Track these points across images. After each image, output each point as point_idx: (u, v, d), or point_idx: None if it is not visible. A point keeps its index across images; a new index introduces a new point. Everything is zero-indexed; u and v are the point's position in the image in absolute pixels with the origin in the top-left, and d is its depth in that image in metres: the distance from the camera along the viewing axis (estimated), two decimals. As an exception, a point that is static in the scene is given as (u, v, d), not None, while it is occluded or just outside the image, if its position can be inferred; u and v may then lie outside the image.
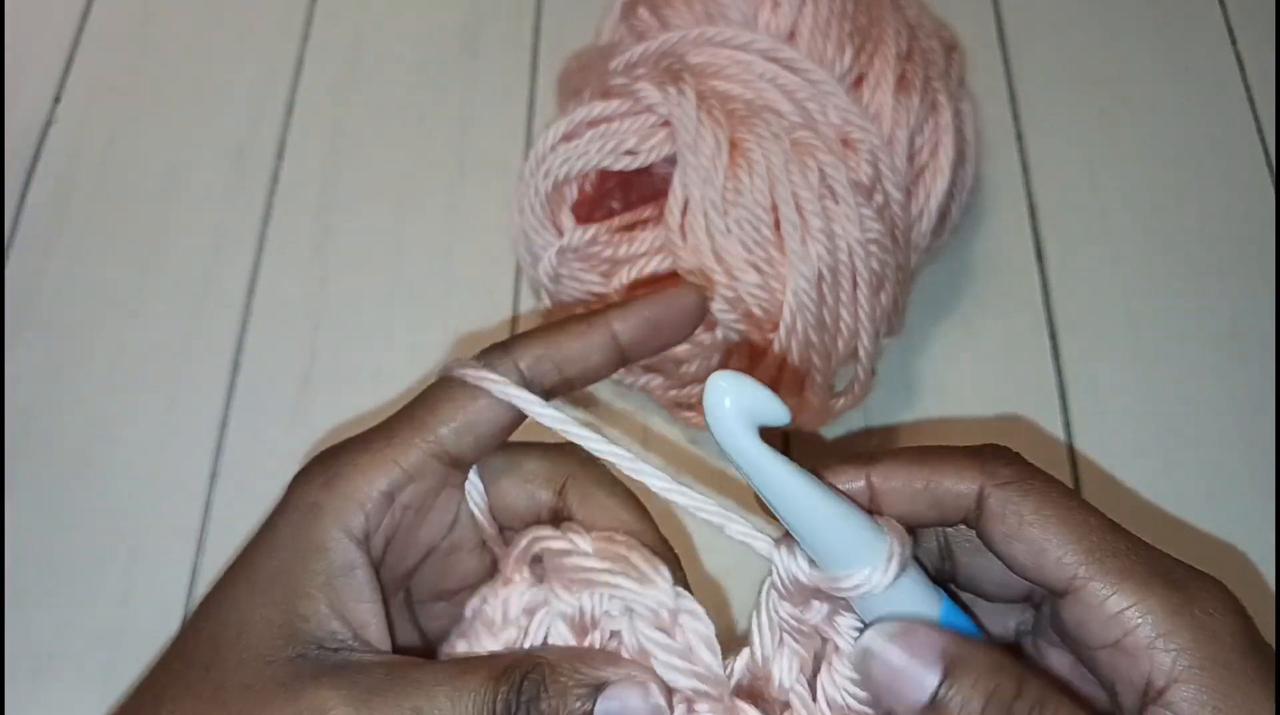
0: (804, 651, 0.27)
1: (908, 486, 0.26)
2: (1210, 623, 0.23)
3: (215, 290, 0.58)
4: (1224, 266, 0.58)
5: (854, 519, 0.25)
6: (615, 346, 0.29)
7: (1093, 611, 0.24)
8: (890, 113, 0.48)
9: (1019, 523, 0.25)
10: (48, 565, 0.51)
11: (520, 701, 0.24)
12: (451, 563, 0.30)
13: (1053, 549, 0.25)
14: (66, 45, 0.66)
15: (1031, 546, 0.25)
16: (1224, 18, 0.66)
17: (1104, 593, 0.24)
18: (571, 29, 0.64)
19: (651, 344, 0.29)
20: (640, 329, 0.29)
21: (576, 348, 0.28)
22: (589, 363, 0.28)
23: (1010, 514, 0.25)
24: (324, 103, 0.63)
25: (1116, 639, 0.24)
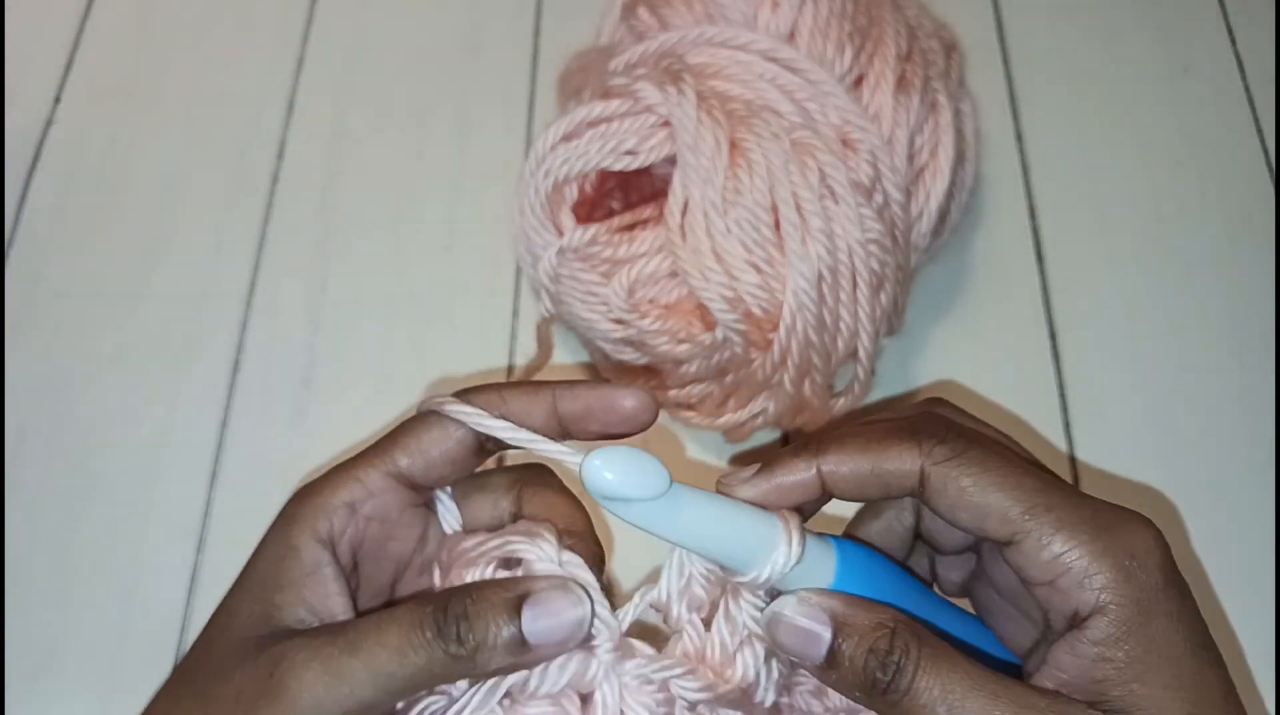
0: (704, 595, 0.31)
1: (855, 473, 0.30)
2: (1130, 565, 0.27)
3: (215, 291, 0.58)
4: (1223, 266, 0.58)
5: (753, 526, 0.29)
6: (554, 416, 0.32)
7: (1031, 559, 0.28)
8: (890, 113, 0.48)
9: (960, 493, 0.28)
10: (48, 565, 0.51)
11: (449, 617, 0.28)
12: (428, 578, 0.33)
13: (993, 512, 0.28)
14: (67, 45, 0.66)
15: (974, 513, 0.28)
16: (1223, 17, 0.66)
17: (1041, 542, 0.28)
18: (571, 29, 0.64)
19: (584, 427, 0.32)
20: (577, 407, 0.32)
21: (520, 405, 0.31)
22: (529, 421, 0.31)
23: (951, 488, 0.29)
24: (324, 103, 0.64)
25: (1051, 580, 0.28)
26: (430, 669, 0.27)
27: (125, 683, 0.49)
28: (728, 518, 0.29)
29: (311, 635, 0.28)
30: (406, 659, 0.27)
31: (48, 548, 0.51)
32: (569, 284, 0.48)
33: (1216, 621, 0.49)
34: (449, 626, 0.27)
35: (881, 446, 0.29)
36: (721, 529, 0.28)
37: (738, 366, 0.47)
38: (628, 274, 0.47)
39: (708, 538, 0.28)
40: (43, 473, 0.53)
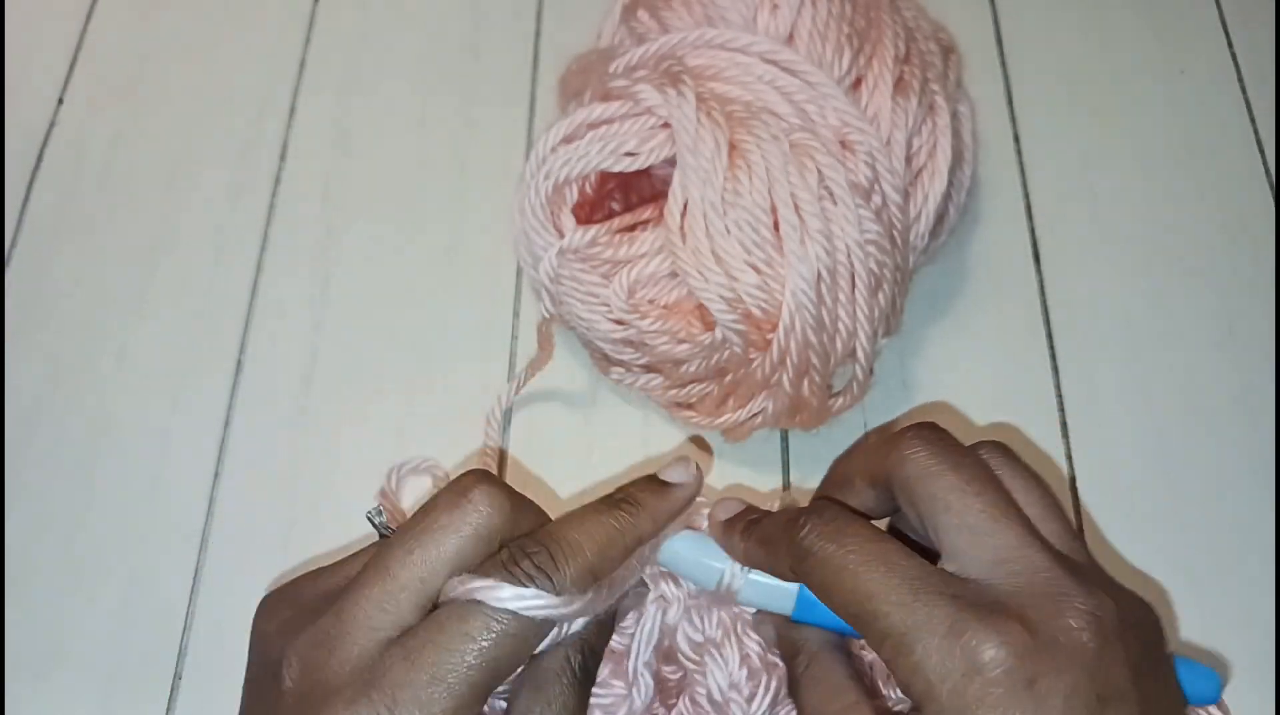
0: None
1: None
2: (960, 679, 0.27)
3: (218, 291, 0.58)
4: (1220, 268, 0.58)
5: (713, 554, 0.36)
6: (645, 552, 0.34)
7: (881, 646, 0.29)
8: (888, 115, 0.49)
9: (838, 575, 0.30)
10: (50, 565, 0.51)
11: None
12: None
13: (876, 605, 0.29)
14: (70, 47, 0.66)
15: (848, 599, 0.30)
16: (1220, 20, 0.66)
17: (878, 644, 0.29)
18: (572, 32, 0.64)
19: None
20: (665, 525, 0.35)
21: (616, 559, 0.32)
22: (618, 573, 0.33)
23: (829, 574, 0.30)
24: (326, 104, 0.64)
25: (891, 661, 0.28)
26: None
27: (127, 683, 0.49)
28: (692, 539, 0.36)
29: None
30: None
31: (50, 547, 0.52)
32: (569, 284, 0.49)
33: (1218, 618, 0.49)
34: None
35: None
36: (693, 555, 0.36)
37: (737, 366, 0.47)
38: (628, 274, 0.47)
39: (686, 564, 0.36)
40: (45, 472, 0.53)
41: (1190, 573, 0.50)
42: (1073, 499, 0.52)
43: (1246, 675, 0.48)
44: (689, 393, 0.51)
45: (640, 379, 0.51)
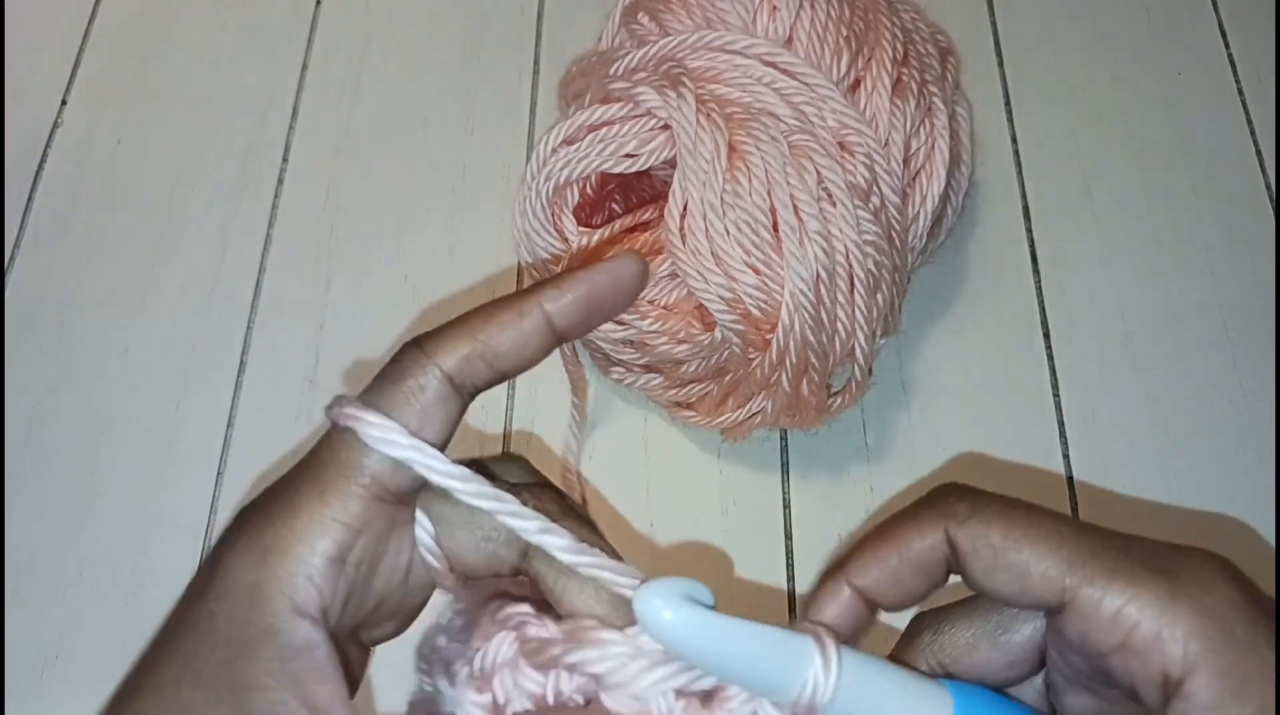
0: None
1: (884, 569, 0.25)
2: (1208, 600, 0.23)
3: (221, 291, 0.58)
4: (1217, 268, 0.58)
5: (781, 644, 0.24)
6: (550, 331, 0.25)
7: (1091, 619, 0.23)
8: (886, 116, 0.49)
9: (993, 553, 0.24)
10: (54, 563, 0.52)
11: None
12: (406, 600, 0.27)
13: (1034, 567, 0.24)
14: (73, 48, 0.66)
15: (1013, 572, 0.24)
16: (1217, 21, 0.66)
17: (1096, 596, 0.23)
18: (572, 35, 0.65)
19: (590, 323, 0.26)
20: (577, 310, 0.26)
21: (508, 341, 0.25)
22: (522, 355, 0.25)
23: (982, 547, 0.24)
24: (329, 106, 0.64)
25: (1122, 640, 0.23)
26: None
27: (132, 678, 0.49)
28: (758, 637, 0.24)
29: None
30: None
31: (54, 546, 0.52)
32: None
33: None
34: None
35: (900, 529, 0.25)
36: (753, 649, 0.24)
37: (736, 366, 0.47)
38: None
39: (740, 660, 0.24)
40: (50, 471, 0.54)
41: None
42: (1070, 498, 0.52)
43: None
44: (689, 392, 0.51)
45: (640, 379, 0.51)
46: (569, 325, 0.26)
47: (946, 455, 0.53)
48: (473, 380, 0.25)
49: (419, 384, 0.25)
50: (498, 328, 0.25)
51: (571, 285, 0.25)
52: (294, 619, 0.23)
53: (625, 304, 0.27)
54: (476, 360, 0.25)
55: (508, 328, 0.25)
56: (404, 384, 0.25)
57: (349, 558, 0.24)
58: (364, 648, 0.27)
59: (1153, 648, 0.22)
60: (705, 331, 0.47)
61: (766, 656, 0.23)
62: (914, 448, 0.54)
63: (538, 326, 0.25)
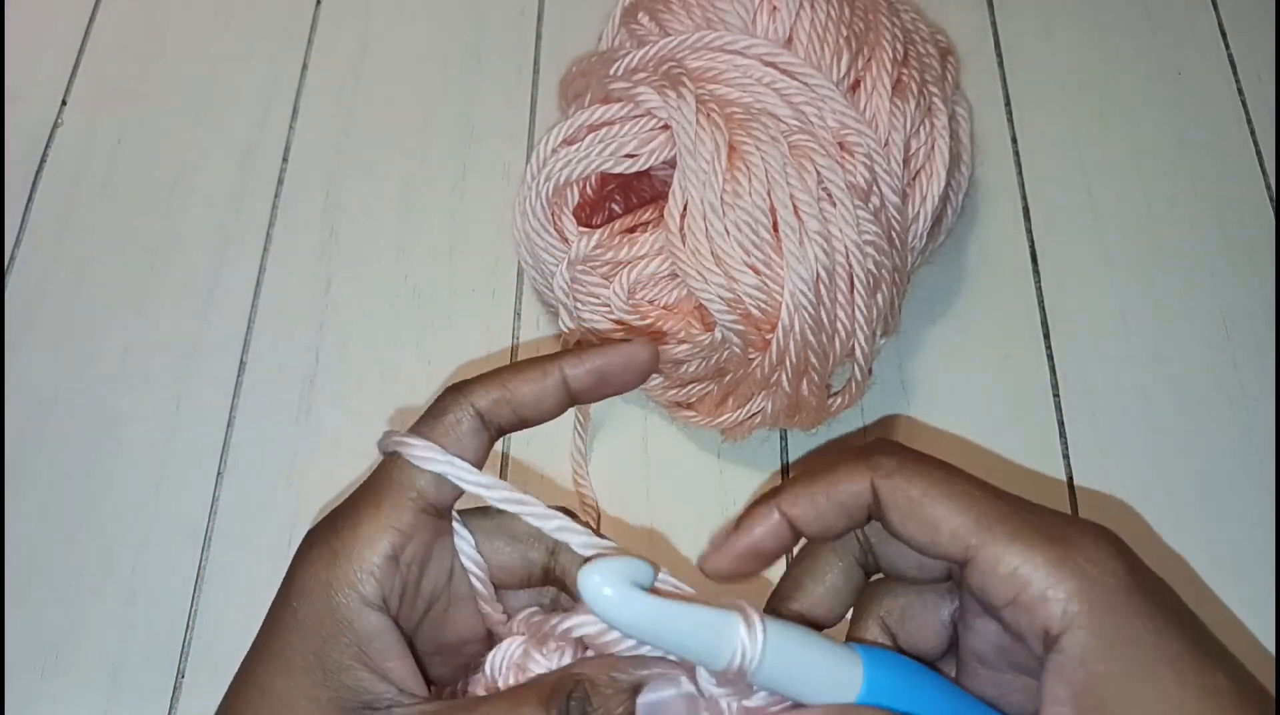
0: None
1: (813, 504, 0.29)
2: (1092, 569, 0.25)
3: (221, 292, 0.58)
4: (1217, 268, 0.58)
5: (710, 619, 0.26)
6: (565, 391, 0.31)
7: (989, 575, 0.26)
8: (886, 117, 0.49)
9: (910, 505, 0.27)
10: (54, 563, 0.52)
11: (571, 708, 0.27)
12: (450, 617, 0.31)
13: (944, 524, 0.27)
14: (73, 48, 0.66)
15: (925, 525, 0.27)
16: (1217, 21, 0.66)
17: (996, 555, 0.26)
18: (572, 35, 0.65)
19: (599, 392, 0.31)
20: (590, 378, 0.31)
21: (530, 392, 0.30)
22: (541, 407, 0.31)
23: (901, 499, 0.27)
24: (329, 106, 0.64)
25: (1014, 596, 0.26)
26: None
27: (130, 682, 0.49)
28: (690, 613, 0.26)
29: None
30: None
31: (53, 546, 0.52)
32: (570, 285, 0.49)
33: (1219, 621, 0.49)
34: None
35: (832, 473, 0.29)
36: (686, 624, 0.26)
37: (736, 366, 0.48)
38: (628, 275, 0.47)
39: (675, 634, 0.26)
40: (49, 471, 0.54)
41: (1189, 572, 0.51)
42: (1070, 497, 0.52)
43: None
44: (689, 393, 0.51)
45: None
46: (581, 389, 0.31)
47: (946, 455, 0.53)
48: (499, 421, 0.30)
49: (456, 418, 0.30)
50: (523, 381, 0.30)
51: (589, 357, 0.31)
52: (363, 609, 0.28)
53: (635, 382, 0.32)
54: (504, 404, 0.30)
55: (532, 382, 0.30)
56: (444, 418, 0.30)
57: (402, 557, 0.28)
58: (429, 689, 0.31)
59: (1038, 605, 0.25)
60: (705, 331, 0.47)
61: (698, 631, 0.26)
62: (914, 448, 0.53)
63: (556, 385, 0.30)
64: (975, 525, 0.26)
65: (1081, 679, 0.25)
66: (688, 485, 0.53)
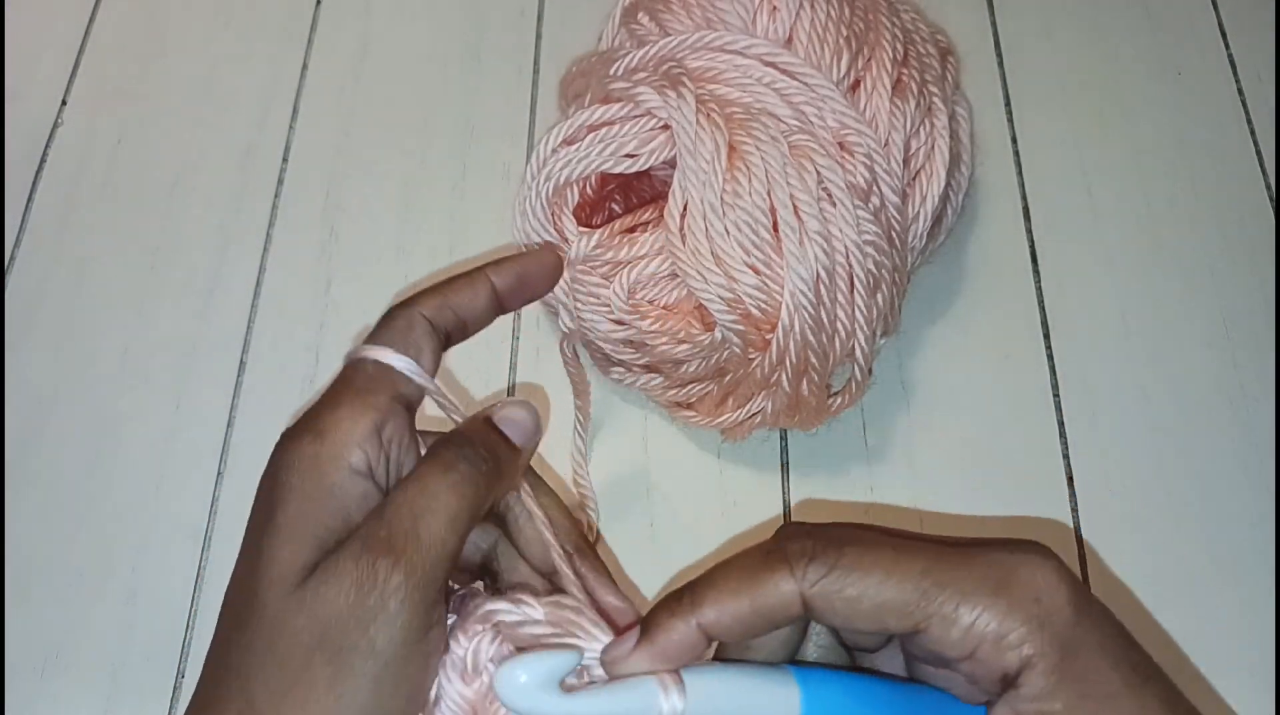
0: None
1: (736, 618, 0.28)
2: (1039, 610, 0.27)
3: (221, 292, 0.58)
4: (1217, 268, 0.58)
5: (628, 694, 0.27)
6: (494, 295, 0.34)
7: (942, 641, 0.27)
8: (886, 117, 0.49)
9: (849, 605, 0.27)
10: (54, 563, 0.52)
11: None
12: None
13: (889, 610, 0.27)
14: (73, 48, 0.66)
15: (869, 619, 0.27)
16: (1217, 21, 0.66)
17: (946, 623, 0.27)
18: (572, 35, 0.65)
19: (521, 295, 0.35)
20: (511, 281, 0.35)
21: (465, 297, 0.34)
22: (476, 308, 0.34)
23: (839, 604, 0.27)
24: (329, 106, 0.64)
25: (971, 651, 0.27)
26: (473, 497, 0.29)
27: (130, 682, 0.49)
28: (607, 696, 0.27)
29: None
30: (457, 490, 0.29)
31: (54, 546, 0.52)
32: (570, 286, 0.49)
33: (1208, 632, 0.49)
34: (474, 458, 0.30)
35: (754, 583, 0.28)
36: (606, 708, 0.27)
37: (736, 366, 0.48)
38: (628, 275, 0.47)
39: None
40: (49, 471, 0.54)
41: (1188, 571, 0.51)
42: (1070, 497, 0.52)
43: (1247, 675, 0.48)
44: (689, 392, 0.51)
45: (640, 379, 0.51)
46: (506, 291, 0.35)
47: (946, 455, 0.53)
48: (444, 324, 0.33)
49: (407, 323, 0.32)
50: (458, 288, 0.34)
51: (509, 263, 0.35)
52: (352, 476, 0.29)
53: (547, 286, 0.36)
54: (445, 309, 0.33)
55: (465, 288, 0.34)
56: (395, 324, 0.32)
57: (383, 433, 0.30)
58: None
59: (994, 657, 0.27)
60: (705, 331, 0.47)
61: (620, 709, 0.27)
62: (914, 448, 0.54)
63: (486, 290, 0.34)
64: (921, 598, 0.27)
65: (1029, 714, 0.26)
66: (688, 485, 0.53)
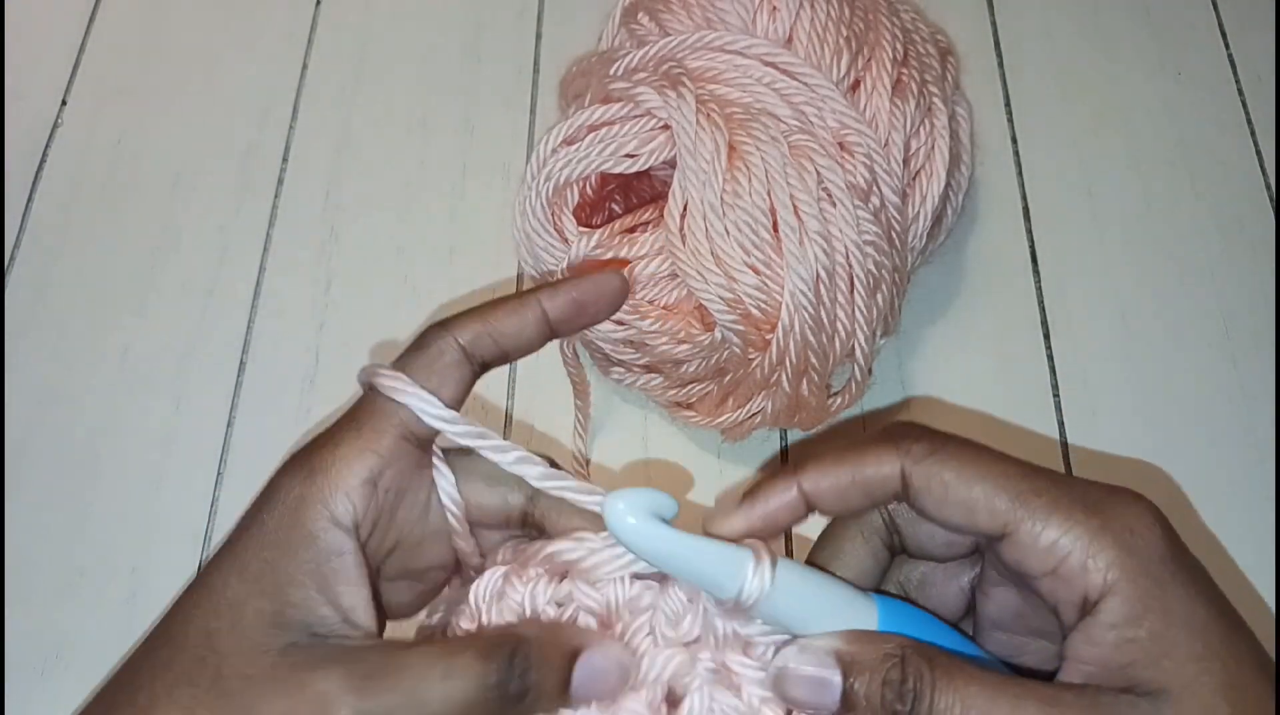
0: None
1: (836, 485, 0.29)
2: (1131, 539, 0.26)
3: (221, 292, 0.58)
4: (1217, 268, 0.58)
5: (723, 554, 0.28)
6: (545, 323, 0.31)
7: (1027, 549, 0.26)
8: (886, 117, 0.49)
9: (944, 489, 0.27)
10: (54, 565, 0.52)
11: (514, 675, 0.26)
12: (421, 549, 0.31)
13: (981, 505, 0.27)
14: (73, 48, 0.66)
15: (961, 507, 0.27)
16: (1217, 22, 0.66)
17: (1035, 530, 0.26)
18: (572, 35, 0.65)
19: (577, 322, 0.32)
20: (567, 308, 0.31)
21: (511, 325, 0.31)
22: (521, 337, 0.31)
23: (935, 484, 0.27)
24: (329, 107, 0.64)
25: (1054, 567, 0.26)
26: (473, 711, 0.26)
27: (132, 678, 0.49)
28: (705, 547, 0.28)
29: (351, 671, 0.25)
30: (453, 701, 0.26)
31: (53, 547, 0.52)
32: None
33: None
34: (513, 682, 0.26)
35: (859, 455, 0.28)
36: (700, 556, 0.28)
37: (736, 366, 0.47)
38: (628, 275, 0.47)
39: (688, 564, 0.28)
40: (48, 471, 0.54)
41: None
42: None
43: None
44: (689, 393, 0.51)
45: (640, 379, 0.51)
46: (560, 319, 0.31)
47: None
48: (481, 353, 0.30)
49: (439, 351, 0.30)
50: (504, 314, 0.31)
51: (565, 288, 0.31)
52: (331, 528, 0.27)
53: (609, 311, 0.32)
54: (485, 337, 0.30)
55: (512, 315, 0.31)
56: (426, 351, 0.30)
57: (380, 482, 0.28)
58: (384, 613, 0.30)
59: (1078, 575, 0.26)
60: (705, 331, 0.47)
61: (710, 563, 0.27)
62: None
63: (536, 317, 0.31)
64: (1012, 502, 0.27)
65: (1110, 643, 0.25)
66: (688, 485, 0.53)
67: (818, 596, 0.28)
